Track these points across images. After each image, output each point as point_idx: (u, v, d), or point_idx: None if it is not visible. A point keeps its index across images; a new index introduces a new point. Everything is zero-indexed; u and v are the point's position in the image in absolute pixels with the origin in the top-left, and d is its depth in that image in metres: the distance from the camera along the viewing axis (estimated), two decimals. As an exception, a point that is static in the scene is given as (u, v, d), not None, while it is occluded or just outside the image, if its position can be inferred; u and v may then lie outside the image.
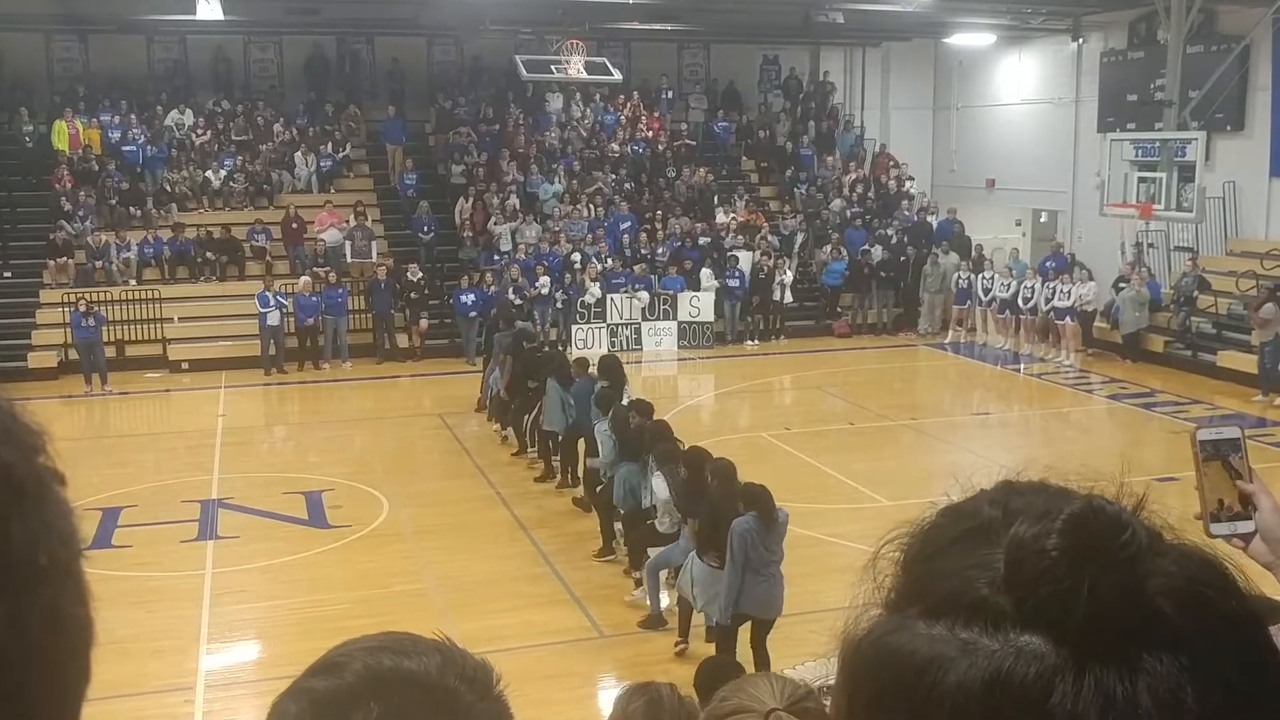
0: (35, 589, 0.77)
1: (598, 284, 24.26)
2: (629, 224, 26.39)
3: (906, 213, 27.99)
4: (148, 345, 22.97)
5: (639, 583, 11.03)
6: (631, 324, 24.50)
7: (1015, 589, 0.77)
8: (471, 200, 26.00)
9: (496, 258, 24.67)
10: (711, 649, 9.53)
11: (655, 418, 12.07)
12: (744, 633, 9.34)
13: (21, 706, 0.76)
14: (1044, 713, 0.74)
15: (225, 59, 28.46)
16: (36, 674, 0.77)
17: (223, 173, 26.34)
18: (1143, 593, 0.76)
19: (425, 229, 25.57)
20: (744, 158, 30.40)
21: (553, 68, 25.11)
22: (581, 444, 14.03)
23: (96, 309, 21.46)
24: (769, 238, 26.44)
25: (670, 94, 30.50)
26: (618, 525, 12.26)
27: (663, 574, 10.79)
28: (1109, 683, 0.74)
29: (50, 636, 0.78)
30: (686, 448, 10.81)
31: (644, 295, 24.58)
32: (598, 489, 12.66)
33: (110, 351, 21.95)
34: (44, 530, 0.78)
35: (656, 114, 29.66)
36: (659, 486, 10.69)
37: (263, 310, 22.26)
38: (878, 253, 26.34)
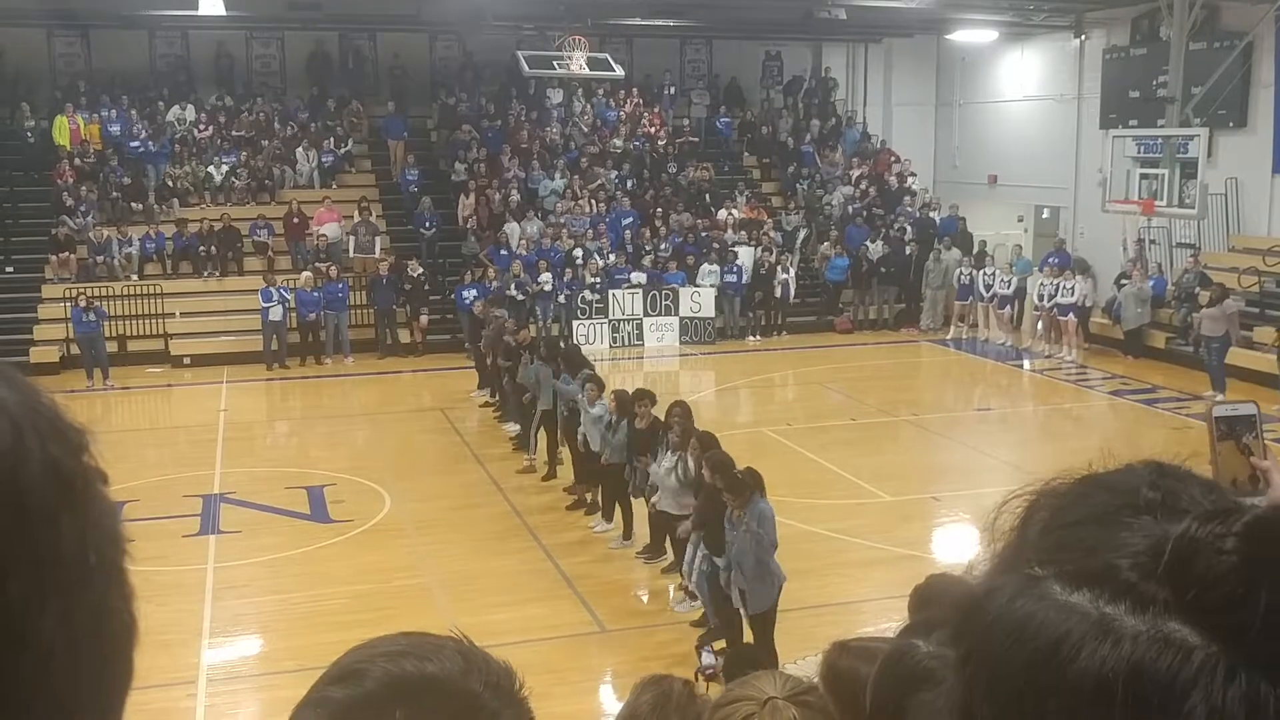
0: (85, 587, 0.77)
1: (598, 280, 24.27)
2: (631, 219, 26.38)
3: (909, 209, 27.98)
4: (149, 340, 22.97)
5: (689, 594, 10.76)
6: (633, 319, 24.50)
7: (1175, 579, 0.76)
8: (474, 196, 25.99)
9: (504, 254, 24.66)
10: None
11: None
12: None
13: (67, 704, 0.76)
14: (1184, 707, 0.72)
15: (227, 55, 28.45)
16: (82, 672, 0.77)
17: (225, 168, 26.34)
18: None
19: (427, 224, 25.57)
20: (746, 154, 30.39)
21: (555, 64, 25.09)
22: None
23: (97, 304, 21.45)
24: (771, 234, 26.45)
25: (672, 90, 30.48)
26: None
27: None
28: (1261, 689, 0.72)
29: (97, 634, 0.78)
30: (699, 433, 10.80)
31: (640, 276, 24.61)
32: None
33: (112, 346, 21.96)
34: (92, 527, 0.78)
35: (658, 110, 29.64)
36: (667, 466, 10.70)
37: (265, 305, 22.27)
38: (876, 249, 26.32)
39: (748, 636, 9.28)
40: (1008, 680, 0.78)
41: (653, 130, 29.09)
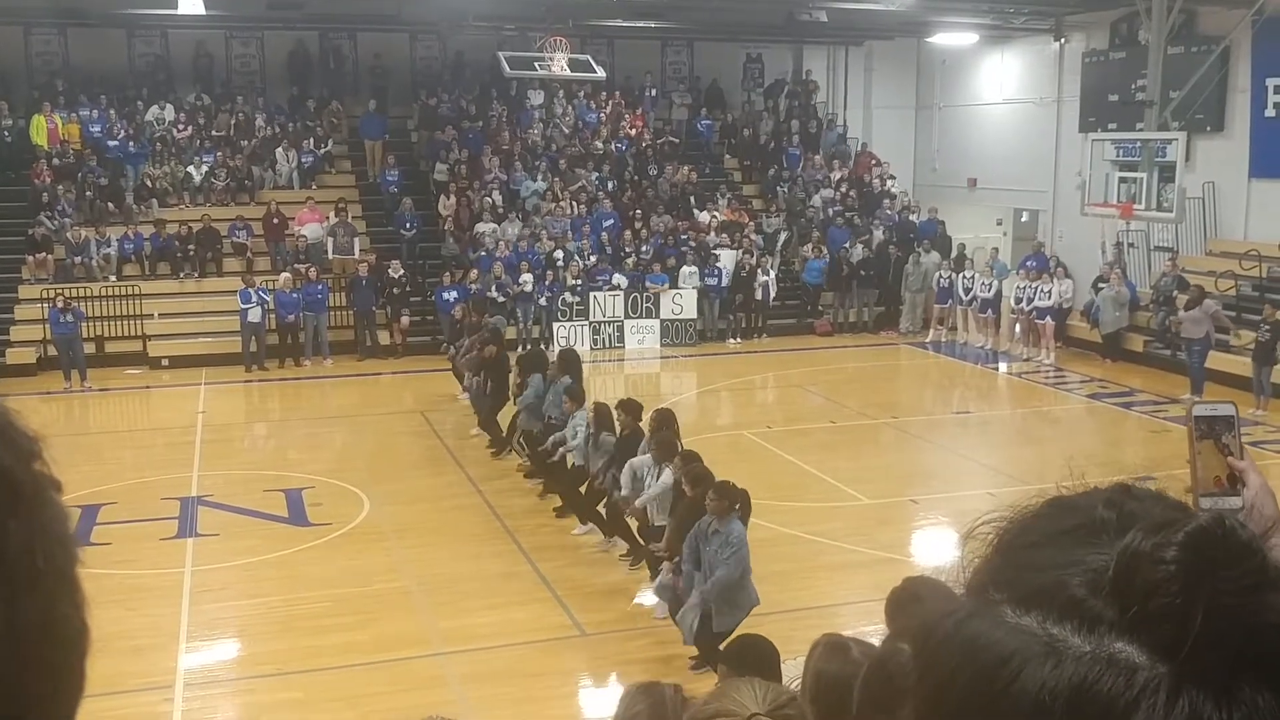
0: (32, 592, 0.77)
1: (579, 282, 24.27)
2: (612, 221, 26.38)
3: (889, 212, 28.06)
4: (128, 342, 22.83)
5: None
6: (614, 321, 24.50)
7: (1120, 596, 0.75)
8: (455, 197, 25.95)
9: (484, 255, 24.63)
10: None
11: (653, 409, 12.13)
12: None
13: (15, 713, 0.76)
14: None
15: (207, 54, 28.32)
16: (31, 680, 0.77)
17: (204, 168, 26.22)
18: (1259, 625, 0.72)
19: (408, 225, 25.51)
20: (727, 156, 30.43)
21: (536, 65, 25.06)
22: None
23: (74, 305, 21.31)
24: (752, 236, 26.48)
25: (654, 92, 30.50)
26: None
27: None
28: (1204, 709, 0.70)
29: (46, 641, 0.78)
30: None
31: (621, 279, 24.63)
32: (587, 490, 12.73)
33: (90, 348, 21.81)
34: (41, 533, 0.78)
35: (639, 111, 29.64)
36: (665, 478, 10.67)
37: (244, 306, 22.17)
38: (858, 251, 26.39)
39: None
40: (952, 701, 0.77)
41: (634, 132, 29.10)
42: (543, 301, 24.06)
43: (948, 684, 0.78)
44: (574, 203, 26.66)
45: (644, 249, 25.71)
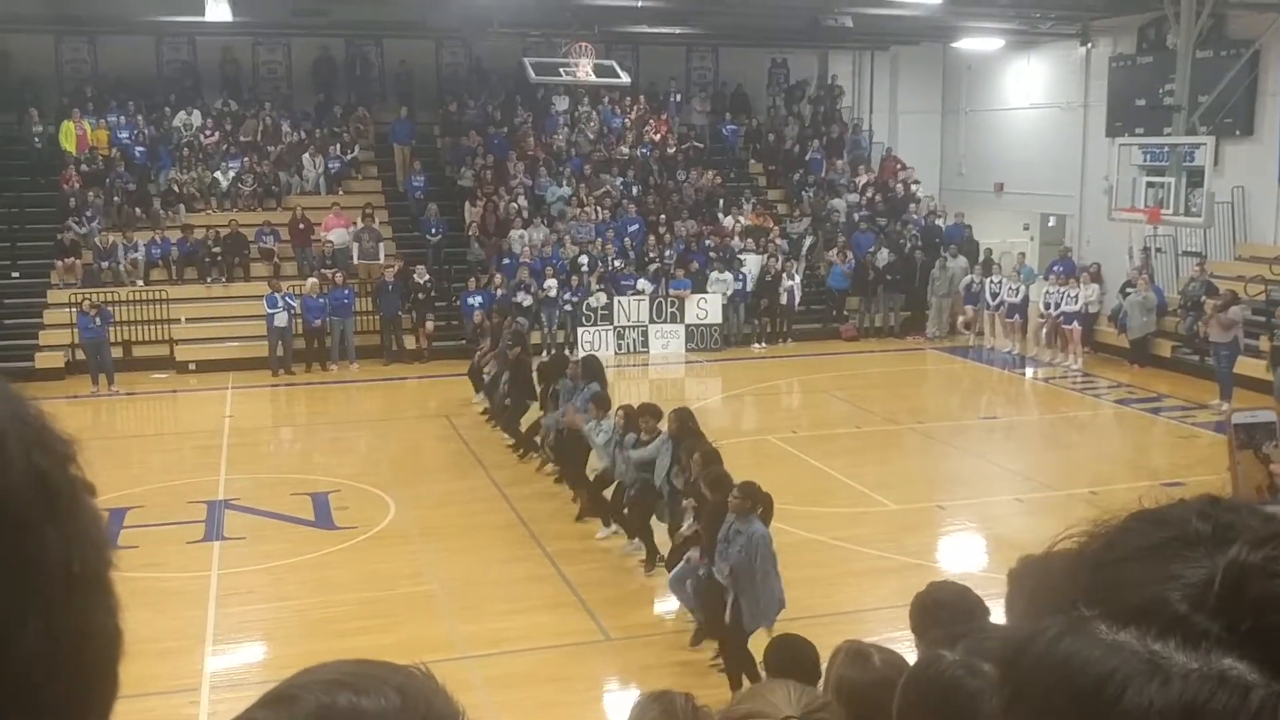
0: (68, 597, 0.76)
1: (602, 288, 24.28)
2: (636, 226, 26.39)
3: (914, 216, 27.98)
4: (155, 346, 22.99)
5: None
6: (638, 326, 24.50)
7: (1228, 612, 0.72)
8: (481, 203, 26.01)
9: (507, 261, 24.68)
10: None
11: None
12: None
13: (52, 719, 0.76)
14: None
15: (233, 60, 28.51)
16: (65, 687, 0.76)
17: (231, 174, 26.38)
18: None
19: (433, 231, 25.59)
20: (752, 161, 30.40)
21: (561, 70, 25.10)
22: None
23: (103, 309, 21.48)
24: (777, 240, 26.43)
25: (678, 97, 30.50)
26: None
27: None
28: None
29: (80, 648, 0.77)
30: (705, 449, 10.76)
31: (645, 284, 24.62)
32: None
33: (117, 352, 21.98)
34: (76, 537, 0.78)
35: (664, 117, 29.65)
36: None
37: (270, 311, 22.29)
38: (883, 256, 26.31)
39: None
40: (1053, 715, 0.74)
41: (658, 137, 29.10)
42: (567, 307, 24.10)
43: (1044, 706, 0.75)
44: (599, 208, 26.69)
45: (668, 254, 25.70)
